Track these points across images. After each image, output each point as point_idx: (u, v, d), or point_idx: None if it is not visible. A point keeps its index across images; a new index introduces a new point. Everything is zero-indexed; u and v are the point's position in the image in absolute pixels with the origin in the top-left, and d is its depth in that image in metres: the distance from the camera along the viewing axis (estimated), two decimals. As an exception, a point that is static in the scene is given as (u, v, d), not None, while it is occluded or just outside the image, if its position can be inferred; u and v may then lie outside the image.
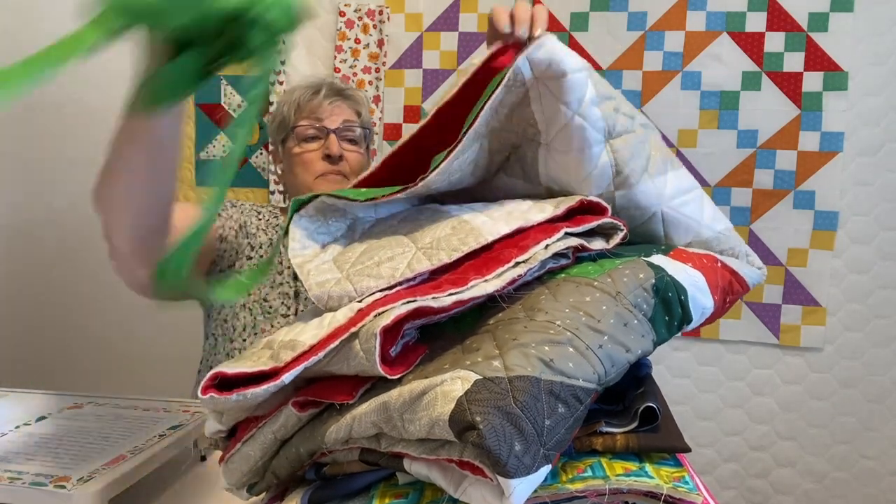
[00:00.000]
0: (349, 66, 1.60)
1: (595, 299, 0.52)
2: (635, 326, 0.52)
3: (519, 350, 0.47)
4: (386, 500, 0.48)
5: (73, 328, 1.80)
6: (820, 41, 1.46)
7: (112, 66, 1.72)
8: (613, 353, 0.49)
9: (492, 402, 0.43)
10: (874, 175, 1.47)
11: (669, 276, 0.57)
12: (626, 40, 1.53)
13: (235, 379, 0.50)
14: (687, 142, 1.53)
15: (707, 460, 1.59)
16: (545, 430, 0.43)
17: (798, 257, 1.51)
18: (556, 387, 0.44)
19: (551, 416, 0.43)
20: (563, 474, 0.47)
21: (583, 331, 0.49)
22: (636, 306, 0.53)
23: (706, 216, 0.70)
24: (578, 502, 0.46)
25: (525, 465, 0.41)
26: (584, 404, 0.46)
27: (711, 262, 0.64)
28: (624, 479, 0.45)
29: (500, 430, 0.41)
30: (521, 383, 0.44)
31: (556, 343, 0.47)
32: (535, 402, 0.43)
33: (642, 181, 0.66)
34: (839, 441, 1.54)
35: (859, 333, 1.51)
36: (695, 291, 0.58)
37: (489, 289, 0.52)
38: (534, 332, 0.49)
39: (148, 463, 0.75)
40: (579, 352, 0.47)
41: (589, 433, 0.49)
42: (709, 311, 0.60)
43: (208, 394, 0.49)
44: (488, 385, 0.44)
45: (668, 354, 1.58)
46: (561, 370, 0.45)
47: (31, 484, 0.67)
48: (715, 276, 0.62)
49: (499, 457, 0.41)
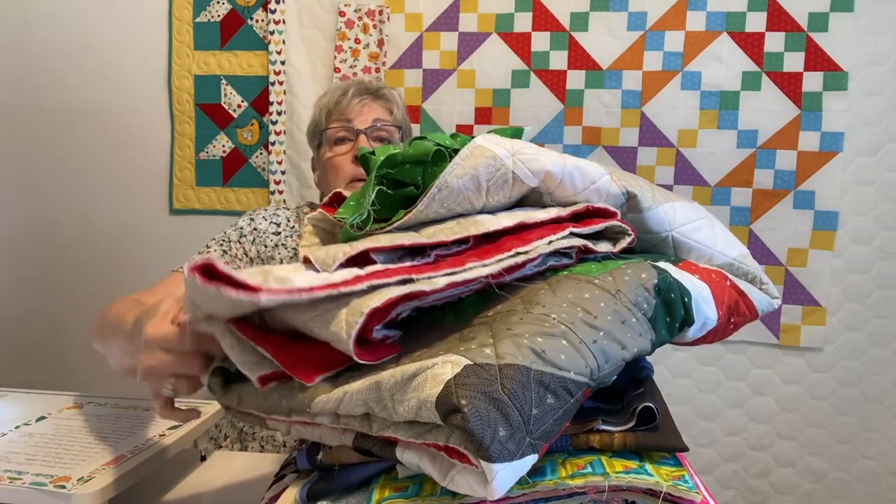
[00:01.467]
0: (349, 66, 1.60)
1: (594, 296, 0.53)
2: (633, 325, 0.52)
3: (512, 339, 0.47)
4: (386, 492, 0.48)
5: (74, 329, 1.80)
6: (820, 41, 1.46)
7: (113, 66, 1.73)
8: (608, 349, 0.49)
9: (479, 387, 0.43)
10: (874, 175, 1.48)
11: (673, 277, 0.57)
12: (626, 40, 1.53)
13: (221, 275, 0.49)
14: (687, 142, 1.53)
15: (707, 460, 1.59)
16: (532, 419, 0.43)
17: (798, 257, 1.51)
18: (547, 377, 0.45)
19: (539, 406, 0.44)
20: (563, 470, 0.47)
21: (578, 325, 0.49)
22: (636, 305, 0.53)
23: (719, 243, 0.69)
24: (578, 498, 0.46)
25: (508, 451, 0.42)
26: (574, 397, 0.46)
27: (721, 278, 0.64)
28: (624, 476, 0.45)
29: (484, 415, 0.42)
30: (511, 371, 0.44)
31: (549, 335, 0.48)
32: (523, 391, 0.43)
33: (653, 206, 0.66)
34: (839, 441, 1.54)
35: (859, 333, 1.51)
36: (699, 298, 0.58)
37: (485, 272, 0.52)
38: (529, 324, 0.49)
39: (148, 463, 0.75)
40: (573, 345, 0.47)
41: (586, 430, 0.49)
42: (711, 323, 0.59)
43: (193, 274, 0.49)
44: (478, 371, 0.44)
45: (668, 354, 1.58)
46: (552, 362, 0.46)
47: (31, 484, 0.67)
48: (722, 291, 0.61)
49: (482, 440, 0.41)
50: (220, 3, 1.66)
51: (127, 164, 1.73)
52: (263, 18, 1.65)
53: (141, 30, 1.69)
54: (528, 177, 0.60)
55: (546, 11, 1.55)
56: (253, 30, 1.66)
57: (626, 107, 1.54)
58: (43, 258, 1.80)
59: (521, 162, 0.60)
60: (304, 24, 1.63)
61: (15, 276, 1.82)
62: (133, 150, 1.72)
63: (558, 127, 1.57)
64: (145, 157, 1.72)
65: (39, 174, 1.78)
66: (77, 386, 1.13)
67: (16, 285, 1.82)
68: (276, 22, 1.64)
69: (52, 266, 1.80)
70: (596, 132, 1.56)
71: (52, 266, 1.80)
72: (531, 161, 0.60)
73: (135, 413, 0.88)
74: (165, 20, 1.69)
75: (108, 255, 1.76)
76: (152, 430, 0.82)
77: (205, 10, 1.67)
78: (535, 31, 1.56)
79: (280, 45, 1.63)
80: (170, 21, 1.68)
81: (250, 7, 1.66)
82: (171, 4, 1.68)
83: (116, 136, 1.73)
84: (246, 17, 1.66)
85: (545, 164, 0.60)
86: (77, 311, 1.79)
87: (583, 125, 1.56)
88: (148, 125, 1.71)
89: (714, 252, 0.69)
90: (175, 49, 1.69)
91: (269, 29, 1.64)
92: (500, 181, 0.59)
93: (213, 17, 1.67)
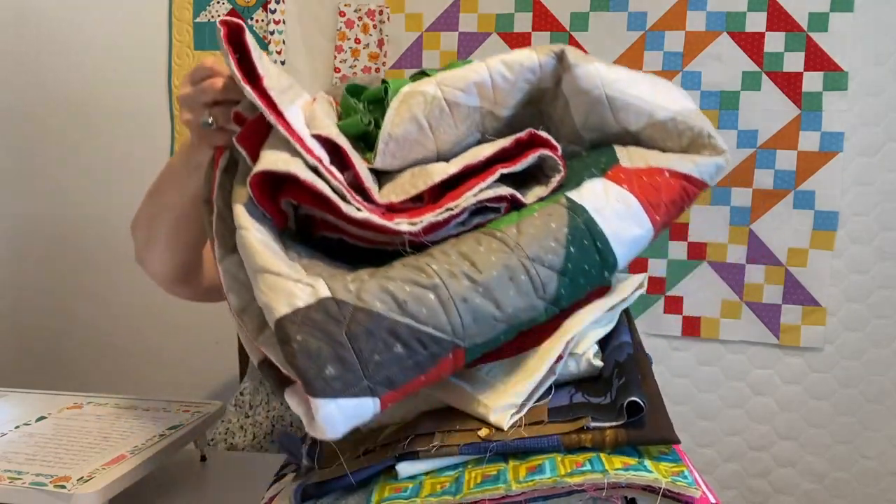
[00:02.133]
0: (349, 66, 1.60)
1: (489, 249, 0.52)
2: (523, 282, 0.51)
3: (380, 283, 0.48)
4: (385, 493, 0.48)
5: (74, 328, 1.80)
6: (820, 41, 1.46)
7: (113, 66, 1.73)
8: (480, 308, 0.49)
9: (322, 324, 0.45)
10: (874, 175, 1.47)
11: (586, 220, 0.54)
12: (626, 40, 1.53)
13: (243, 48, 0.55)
14: (687, 142, 1.53)
15: (707, 460, 1.59)
16: (372, 363, 0.44)
17: (798, 257, 1.51)
18: (401, 328, 0.46)
19: (383, 353, 0.45)
20: (562, 468, 0.47)
21: (455, 280, 0.49)
22: (536, 259, 0.52)
23: (660, 97, 0.64)
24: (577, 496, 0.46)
25: (333, 389, 0.43)
26: (429, 350, 0.47)
27: (656, 176, 0.61)
28: (623, 473, 0.45)
29: (314, 352, 0.43)
30: (361, 316, 0.45)
31: (418, 285, 0.48)
32: (367, 336, 0.45)
33: (580, 63, 0.62)
34: (839, 441, 1.54)
35: (859, 333, 1.51)
36: (619, 226, 0.56)
37: (404, 228, 0.52)
38: (406, 270, 0.50)
39: (148, 463, 0.75)
40: (440, 300, 0.48)
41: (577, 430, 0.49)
42: (645, 236, 0.58)
43: None
44: (329, 307, 0.46)
45: (668, 354, 1.58)
46: (411, 313, 0.46)
47: (31, 484, 0.67)
48: (657, 193, 0.59)
49: (305, 375, 0.43)
50: (220, 3, 1.66)
51: (127, 164, 1.73)
52: (263, 18, 1.65)
53: (141, 30, 1.69)
54: (460, 97, 0.60)
55: (546, 11, 1.55)
56: (253, 30, 1.66)
57: (626, 107, 1.54)
58: (43, 258, 1.80)
59: (447, 86, 0.60)
60: (305, 25, 1.63)
61: (15, 276, 1.81)
62: (133, 149, 1.72)
63: (558, 127, 1.57)
64: (145, 156, 1.72)
65: (39, 174, 1.77)
66: (77, 386, 1.13)
67: (16, 284, 1.82)
68: (276, 22, 1.64)
69: (53, 265, 1.80)
70: (596, 132, 1.56)
71: (52, 265, 1.80)
72: (455, 80, 0.60)
73: (135, 413, 0.88)
74: (165, 20, 1.69)
75: (108, 254, 1.76)
76: (152, 430, 0.82)
77: (205, 10, 1.67)
78: (535, 31, 1.56)
79: (280, 45, 1.64)
80: (170, 21, 1.68)
81: (250, 7, 1.66)
82: (171, 4, 1.68)
83: (116, 136, 1.73)
84: (246, 17, 1.66)
85: (469, 76, 0.60)
86: (78, 310, 1.79)
87: (583, 125, 1.56)
88: (148, 125, 1.71)
89: (653, 106, 0.64)
90: (175, 49, 1.69)
91: (269, 29, 1.64)
92: (438, 113, 0.59)
93: (214, 17, 1.67)
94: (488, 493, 0.46)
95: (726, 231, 1.52)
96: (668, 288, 1.57)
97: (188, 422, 0.84)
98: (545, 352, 0.54)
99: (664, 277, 1.57)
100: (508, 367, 0.56)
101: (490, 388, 0.54)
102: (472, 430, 0.51)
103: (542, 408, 0.52)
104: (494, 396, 0.52)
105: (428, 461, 0.50)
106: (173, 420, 0.85)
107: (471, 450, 0.50)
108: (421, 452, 0.50)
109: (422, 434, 0.51)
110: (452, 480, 0.48)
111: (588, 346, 0.56)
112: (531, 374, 0.53)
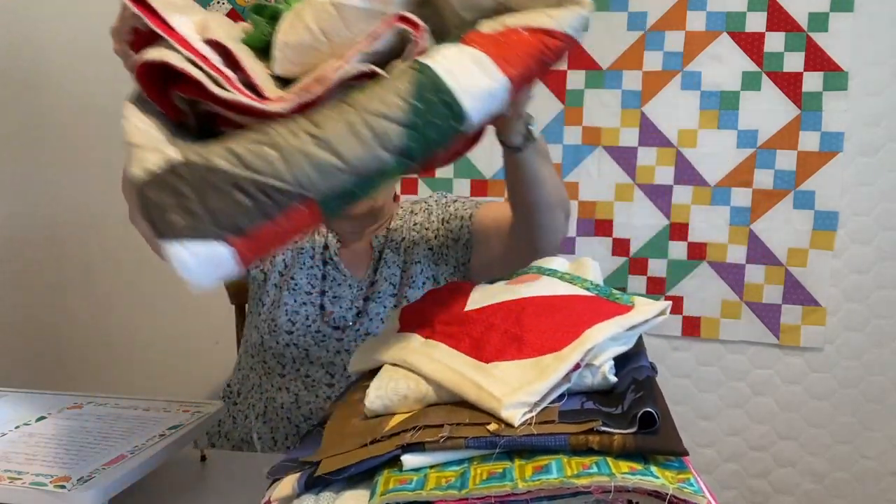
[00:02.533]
0: None
1: (332, 107, 0.55)
2: (364, 135, 0.53)
3: (225, 145, 0.53)
4: (390, 485, 0.48)
5: (74, 328, 1.79)
6: (820, 41, 1.46)
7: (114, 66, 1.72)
8: (322, 159, 0.52)
9: (170, 182, 0.51)
10: (874, 175, 1.48)
11: (431, 76, 0.57)
12: (626, 40, 1.53)
13: None
14: (687, 142, 1.53)
15: (707, 460, 1.59)
16: (216, 212, 0.50)
17: (798, 257, 1.51)
18: (244, 181, 0.51)
19: (228, 203, 0.50)
20: (569, 469, 0.47)
21: (294, 136, 0.53)
22: (377, 114, 0.54)
23: None
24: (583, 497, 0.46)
25: (178, 232, 0.49)
26: (274, 200, 0.51)
27: (512, 35, 0.63)
28: (630, 477, 0.44)
29: (161, 203, 0.50)
30: (207, 173, 0.51)
31: (259, 143, 0.53)
32: (212, 190, 0.50)
33: None
34: (839, 441, 1.54)
35: (859, 333, 1.51)
36: (468, 81, 0.57)
37: (272, 108, 0.57)
38: (252, 133, 0.54)
39: (148, 463, 0.74)
40: (281, 154, 0.52)
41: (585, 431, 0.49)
42: (499, 88, 0.59)
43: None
44: (179, 168, 0.52)
45: (668, 354, 1.58)
46: (254, 167, 0.51)
47: (31, 484, 0.67)
48: (510, 50, 0.61)
49: (152, 222, 0.50)
50: (220, 3, 1.66)
51: (126, 164, 1.73)
52: (263, 18, 1.65)
53: (140, 29, 1.69)
54: None
55: (546, 11, 1.55)
56: None
57: (626, 107, 1.54)
58: (42, 258, 1.80)
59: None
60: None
61: (15, 276, 1.81)
62: (132, 149, 1.72)
63: (558, 127, 1.57)
64: (145, 157, 1.72)
65: (39, 173, 1.77)
66: (77, 386, 1.13)
67: (16, 284, 1.82)
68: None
69: (52, 265, 1.80)
70: (596, 132, 1.56)
71: (52, 265, 1.80)
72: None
73: (135, 413, 0.88)
74: (165, 20, 1.69)
75: (108, 254, 1.76)
76: (152, 430, 0.82)
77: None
78: (535, 31, 1.56)
79: None
80: (169, 21, 1.68)
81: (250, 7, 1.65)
82: (170, 4, 1.68)
83: (117, 136, 1.72)
84: (246, 17, 1.66)
85: None
86: (78, 309, 1.79)
87: (583, 125, 1.56)
88: (147, 125, 1.71)
89: None
90: (175, 49, 1.69)
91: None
92: (326, 17, 0.62)
93: (213, 17, 1.67)
94: (494, 490, 0.46)
95: (726, 231, 1.52)
96: (668, 288, 1.57)
97: (188, 422, 0.84)
98: (563, 357, 0.55)
99: (664, 277, 1.57)
100: (524, 368, 0.55)
101: (504, 384, 0.54)
102: (482, 425, 0.51)
103: (553, 409, 0.52)
104: (508, 392, 0.52)
105: (433, 454, 0.50)
106: (173, 420, 0.85)
107: (478, 443, 0.50)
108: (428, 444, 0.50)
109: (430, 426, 0.51)
110: (458, 475, 0.48)
111: (605, 361, 0.56)
112: (547, 377, 0.53)
